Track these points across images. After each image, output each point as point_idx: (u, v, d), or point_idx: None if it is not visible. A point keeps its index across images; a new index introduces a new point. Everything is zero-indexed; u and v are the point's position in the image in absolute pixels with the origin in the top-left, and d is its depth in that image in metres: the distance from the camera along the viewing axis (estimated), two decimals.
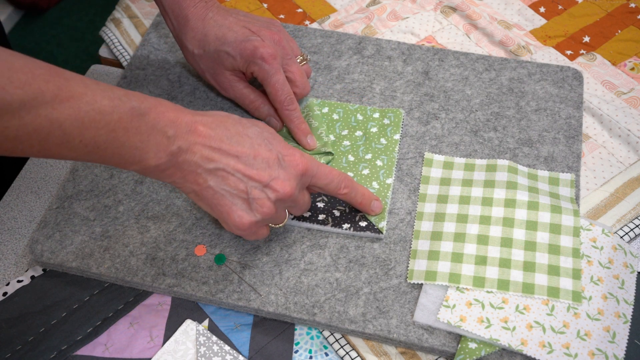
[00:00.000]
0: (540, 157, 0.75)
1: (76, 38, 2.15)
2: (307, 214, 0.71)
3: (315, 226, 0.70)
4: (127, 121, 0.53)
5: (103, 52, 0.94)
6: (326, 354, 0.65)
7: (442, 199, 0.71)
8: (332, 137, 0.77)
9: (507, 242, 0.67)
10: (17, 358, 0.65)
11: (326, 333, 0.66)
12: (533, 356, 0.61)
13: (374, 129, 0.77)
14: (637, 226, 0.71)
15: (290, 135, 0.76)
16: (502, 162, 0.73)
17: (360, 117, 0.79)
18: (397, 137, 0.76)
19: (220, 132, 0.58)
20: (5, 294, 0.69)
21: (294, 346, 0.65)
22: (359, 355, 0.65)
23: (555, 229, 0.68)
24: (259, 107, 0.76)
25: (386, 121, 0.78)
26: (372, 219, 0.70)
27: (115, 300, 0.69)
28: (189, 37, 0.74)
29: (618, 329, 0.63)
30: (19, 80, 0.48)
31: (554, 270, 0.65)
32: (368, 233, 0.69)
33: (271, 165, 0.59)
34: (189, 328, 0.66)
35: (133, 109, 0.54)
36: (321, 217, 0.71)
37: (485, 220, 0.69)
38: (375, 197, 0.69)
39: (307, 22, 0.94)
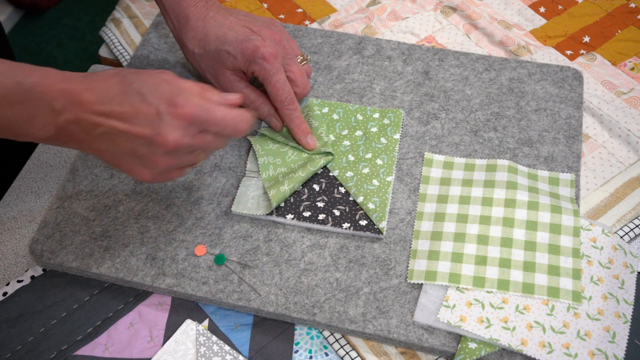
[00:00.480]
0: (540, 157, 0.75)
1: (76, 38, 2.15)
2: (307, 214, 0.71)
3: (315, 226, 0.70)
4: (12, 96, 0.54)
5: (103, 52, 0.94)
6: (326, 354, 0.65)
7: (442, 199, 0.71)
8: (332, 137, 0.77)
9: (507, 242, 0.67)
10: (17, 358, 0.65)
11: (326, 333, 0.66)
12: (533, 356, 0.61)
13: (374, 129, 0.77)
14: (637, 226, 0.71)
15: (291, 135, 0.76)
16: (502, 162, 0.73)
17: (360, 117, 0.79)
18: (397, 136, 0.76)
19: (104, 96, 0.58)
20: (5, 294, 0.69)
21: (294, 346, 0.65)
22: (359, 355, 0.65)
23: (555, 229, 0.68)
24: (259, 107, 0.76)
25: (386, 121, 0.78)
26: (373, 219, 0.70)
27: (115, 300, 0.69)
28: (189, 36, 0.74)
29: (618, 329, 0.63)
30: None
31: (554, 270, 0.65)
32: (368, 233, 0.69)
33: (152, 120, 0.57)
34: (189, 328, 0.66)
35: (18, 84, 0.55)
36: (321, 216, 0.71)
37: (485, 220, 0.69)
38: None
39: (307, 22, 0.94)
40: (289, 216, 0.71)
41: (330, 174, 0.74)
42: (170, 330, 0.66)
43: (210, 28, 0.73)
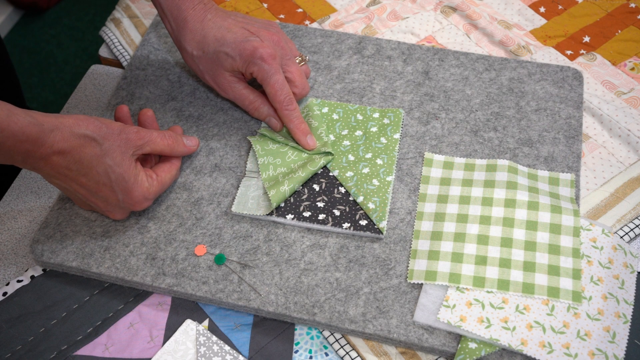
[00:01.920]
0: (540, 157, 0.75)
1: (76, 38, 2.15)
2: (307, 214, 0.71)
3: (315, 226, 0.70)
4: None
5: (103, 52, 0.94)
6: (326, 354, 0.65)
7: (442, 199, 0.71)
8: (332, 137, 0.77)
9: (507, 242, 0.67)
10: (17, 358, 0.65)
11: (326, 333, 0.66)
12: (533, 356, 0.61)
13: (374, 129, 0.77)
14: (637, 226, 0.71)
15: (290, 135, 0.76)
16: (502, 162, 0.73)
17: (360, 117, 0.79)
18: (397, 136, 0.76)
19: (74, 164, 0.63)
20: (5, 294, 0.69)
21: (294, 346, 0.65)
22: (359, 355, 0.65)
23: (555, 229, 0.68)
24: (258, 108, 0.76)
25: (386, 121, 0.78)
26: (373, 219, 0.70)
27: (115, 300, 0.69)
28: (187, 38, 0.74)
29: (618, 329, 0.63)
30: None
31: (554, 270, 0.65)
32: (368, 233, 0.69)
33: (110, 202, 0.67)
34: (189, 328, 0.66)
35: None
36: (321, 216, 0.71)
37: (485, 220, 0.69)
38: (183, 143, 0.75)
39: (307, 22, 0.94)
40: (289, 216, 0.71)
41: (330, 174, 0.74)
42: (170, 330, 0.66)
43: (208, 30, 0.73)
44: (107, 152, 0.64)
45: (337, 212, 0.71)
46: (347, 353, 0.64)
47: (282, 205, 0.72)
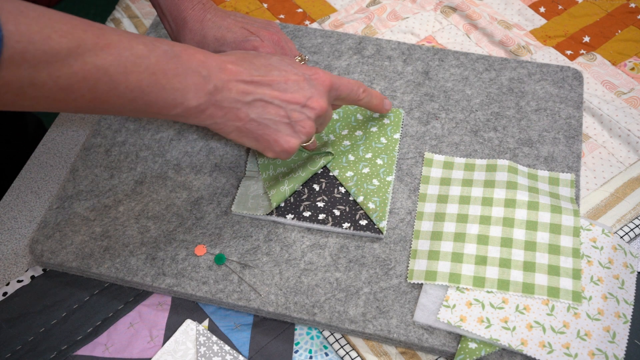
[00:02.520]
0: (540, 157, 0.75)
1: None
2: (307, 214, 0.71)
3: (316, 226, 0.70)
4: (164, 63, 0.55)
5: None
6: (326, 354, 0.65)
7: (442, 199, 0.71)
8: (332, 137, 0.77)
9: (507, 242, 0.67)
10: (17, 358, 0.65)
11: (326, 333, 0.66)
12: (533, 356, 0.61)
13: (374, 129, 0.77)
14: (637, 226, 0.71)
15: None
16: (502, 162, 0.73)
17: (360, 117, 0.79)
18: (397, 136, 0.76)
19: (248, 66, 0.61)
20: (5, 294, 0.69)
21: (294, 346, 0.65)
22: (359, 355, 0.65)
23: (555, 229, 0.68)
24: None
25: (386, 121, 0.78)
26: (373, 219, 0.70)
27: (115, 300, 0.69)
28: (187, 38, 0.74)
29: (618, 329, 0.63)
30: (61, 29, 0.50)
31: (554, 270, 0.65)
32: (368, 233, 0.69)
33: (303, 86, 0.62)
34: (189, 328, 0.66)
35: (166, 52, 0.56)
36: (321, 216, 0.71)
37: (485, 220, 0.69)
38: (384, 97, 0.74)
39: (307, 22, 0.94)
40: (289, 216, 0.71)
41: (330, 173, 0.74)
42: (170, 330, 0.66)
43: (208, 30, 0.73)
44: (275, 55, 0.65)
45: (337, 212, 0.71)
46: (347, 353, 0.64)
47: (282, 205, 0.72)
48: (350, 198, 0.72)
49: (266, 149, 0.64)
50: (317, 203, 0.72)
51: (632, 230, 0.71)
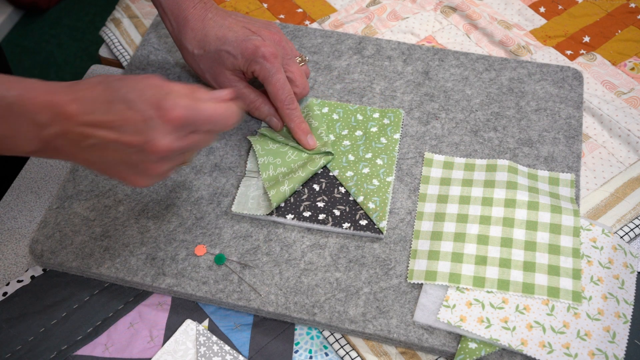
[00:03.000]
0: (540, 157, 0.75)
1: (76, 38, 2.15)
2: (307, 214, 0.71)
3: (316, 226, 0.70)
4: None
5: (103, 52, 0.94)
6: (326, 354, 0.65)
7: (442, 199, 0.71)
8: (332, 137, 0.77)
9: (507, 242, 0.67)
10: (17, 358, 0.65)
11: (326, 333, 0.66)
12: (533, 356, 0.61)
13: (374, 129, 0.77)
14: (637, 226, 0.71)
15: (291, 135, 0.76)
16: (502, 162, 0.73)
17: (360, 117, 0.79)
18: (397, 136, 0.76)
19: (90, 105, 0.56)
20: (5, 294, 0.69)
21: (294, 346, 0.65)
22: (359, 355, 0.65)
23: (555, 229, 0.68)
24: (259, 107, 0.76)
25: (386, 121, 0.78)
26: (373, 219, 0.70)
27: (115, 300, 0.69)
28: (189, 37, 0.74)
29: (618, 329, 0.63)
30: None
31: (554, 270, 0.65)
32: (368, 233, 0.69)
33: (141, 127, 0.56)
34: (189, 328, 0.66)
35: (2, 98, 0.54)
36: (321, 216, 0.71)
37: (485, 220, 0.69)
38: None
39: (307, 22, 0.94)
40: (289, 216, 0.71)
41: (330, 173, 0.74)
42: (170, 330, 0.66)
43: (209, 29, 0.73)
44: (117, 81, 0.58)
45: (337, 212, 0.71)
46: (347, 353, 0.64)
47: (282, 205, 0.72)
48: (350, 198, 0.72)
49: (121, 183, 0.61)
50: (317, 203, 0.72)
51: (632, 230, 0.71)
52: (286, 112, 0.74)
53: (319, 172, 0.74)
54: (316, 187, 0.73)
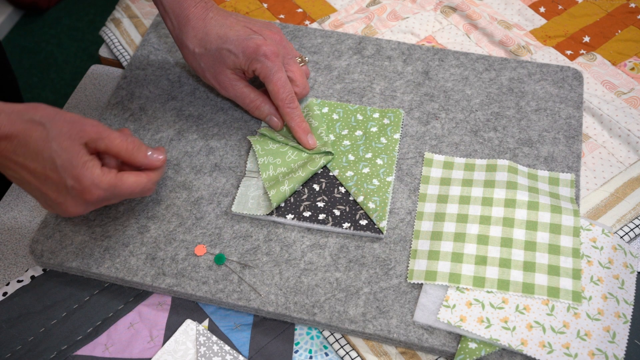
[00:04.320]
0: (540, 157, 0.75)
1: (76, 38, 2.15)
2: (307, 214, 0.71)
3: (316, 226, 0.70)
4: None
5: (103, 52, 0.94)
6: (326, 354, 0.65)
7: (442, 199, 0.71)
8: (332, 137, 0.77)
9: (507, 242, 0.67)
10: (17, 358, 0.65)
11: (326, 333, 0.66)
12: (533, 356, 0.61)
13: (374, 129, 0.77)
14: (637, 226, 0.71)
15: (291, 134, 0.76)
16: (502, 162, 0.73)
17: (360, 117, 0.79)
18: (397, 136, 0.76)
19: (21, 148, 0.60)
20: (5, 294, 0.69)
21: (294, 346, 0.65)
22: (359, 355, 0.65)
23: (555, 229, 0.68)
24: (259, 107, 0.77)
25: (386, 121, 0.78)
26: (373, 219, 0.70)
27: (115, 300, 0.69)
28: (190, 35, 0.74)
29: (618, 329, 0.63)
30: None
31: (554, 270, 0.65)
32: (368, 233, 0.69)
33: (60, 190, 0.62)
34: (189, 328, 0.66)
35: None
36: (321, 216, 0.71)
37: (485, 220, 0.69)
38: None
39: (307, 22, 0.94)
40: (289, 216, 0.71)
41: (330, 173, 0.74)
42: (170, 330, 0.66)
43: (210, 27, 0.73)
44: (55, 137, 0.61)
45: (337, 212, 0.71)
46: (347, 353, 0.64)
47: (282, 205, 0.72)
48: (350, 198, 0.72)
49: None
50: (317, 203, 0.72)
51: (632, 230, 0.71)
52: (287, 111, 0.74)
53: (319, 172, 0.74)
54: (316, 187, 0.73)
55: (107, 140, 0.64)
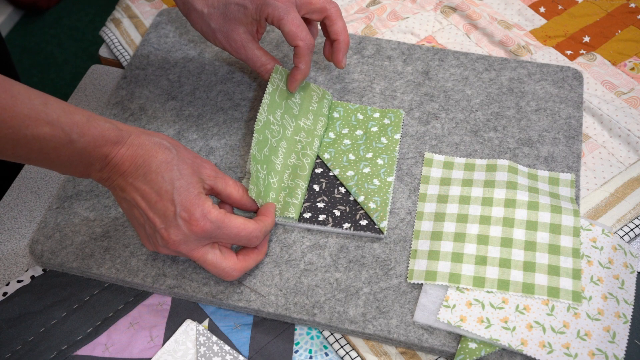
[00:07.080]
0: (540, 157, 0.75)
1: (76, 38, 2.15)
2: (308, 215, 0.71)
3: (316, 226, 0.70)
4: (61, 148, 0.58)
5: (103, 52, 0.94)
6: (326, 354, 0.65)
7: (442, 199, 0.71)
8: (332, 135, 0.77)
9: (507, 242, 0.67)
10: (17, 358, 0.65)
11: (326, 333, 0.66)
12: (533, 356, 0.61)
13: (375, 129, 0.77)
14: (637, 226, 0.71)
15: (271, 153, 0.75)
16: (502, 162, 0.73)
17: (360, 117, 0.79)
18: (397, 136, 0.76)
19: (139, 170, 0.61)
20: (5, 294, 0.69)
21: (294, 346, 0.65)
22: (359, 355, 0.65)
23: (555, 229, 0.68)
24: (270, 71, 0.75)
25: (386, 121, 0.78)
26: (373, 219, 0.70)
27: (115, 300, 0.69)
28: (198, 2, 0.73)
29: (618, 329, 0.63)
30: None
31: (554, 270, 0.65)
32: (368, 233, 0.69)
33: (167, 216, 0.61)
34: (189, 328, 0.66)
35: (71, 142, 0.58)
36: (321, 217, 0.71)
37: (485, 220, 0.69)
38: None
39: None
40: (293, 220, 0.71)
41: (331, 173, 0.74)
42: (170, 330, 0.66)
43: None
44: (178, 164, 0.62)
45: (337, 213, 0.71)
46: (347, 353, 0.64)
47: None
48: (351, 198, 0.72)
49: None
50: (317, 204, 0.72)
51: (632, 230, 0.71)
52: (306, 52, 0.72)
53: (319, 172, 0.74)
54: (316, 187, 0.73)
55: (222, 181, 0.66)
